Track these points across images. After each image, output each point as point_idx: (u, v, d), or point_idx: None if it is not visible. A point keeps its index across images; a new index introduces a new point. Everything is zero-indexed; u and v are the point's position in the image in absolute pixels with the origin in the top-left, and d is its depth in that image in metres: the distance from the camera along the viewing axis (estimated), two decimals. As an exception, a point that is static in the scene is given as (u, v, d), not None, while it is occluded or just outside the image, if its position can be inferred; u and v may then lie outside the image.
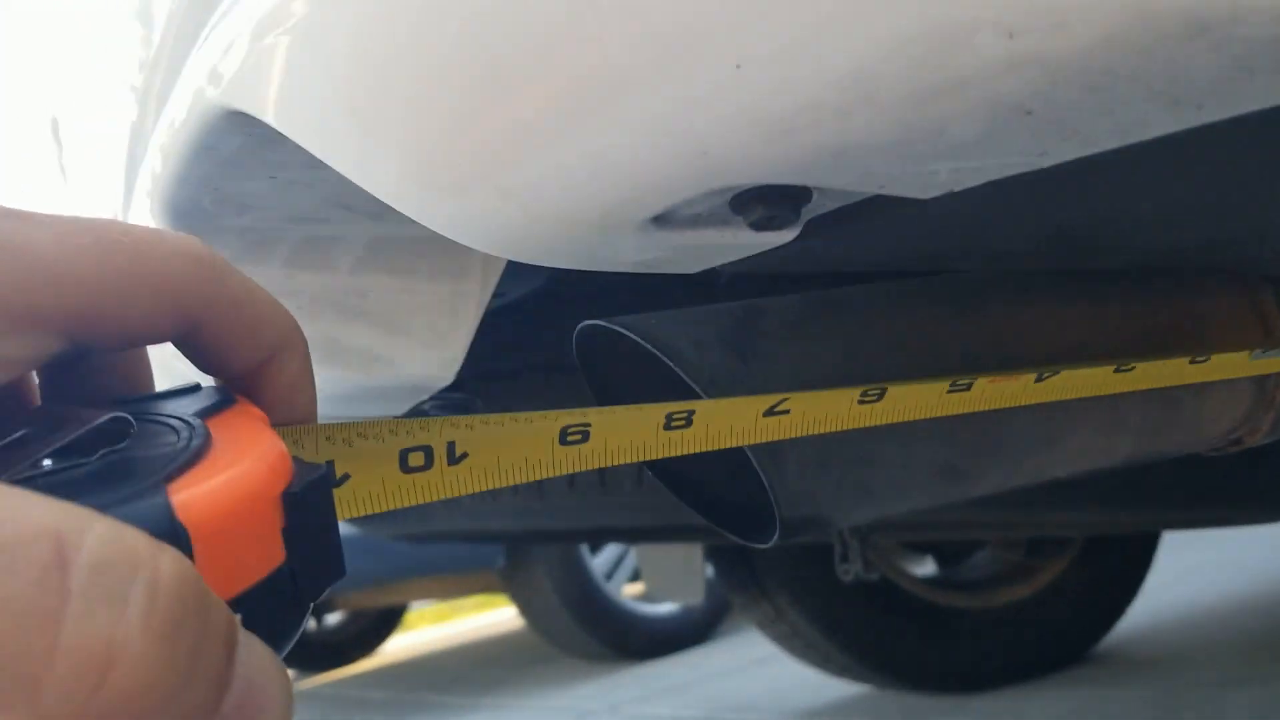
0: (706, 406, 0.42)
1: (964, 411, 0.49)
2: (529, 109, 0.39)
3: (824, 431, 0.45)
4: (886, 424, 0.54)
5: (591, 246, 0.44)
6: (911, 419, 0.47)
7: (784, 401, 0.44)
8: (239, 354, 0.30)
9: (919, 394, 0.47)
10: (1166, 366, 0.52)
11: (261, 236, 0.61)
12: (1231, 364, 0.54)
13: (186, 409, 0.28)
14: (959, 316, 0.56)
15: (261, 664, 0.23)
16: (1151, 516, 1.40)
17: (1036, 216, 0.47)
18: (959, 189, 0.39)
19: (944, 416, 0.55)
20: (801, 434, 0.45)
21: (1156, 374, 0.53)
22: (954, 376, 0.55)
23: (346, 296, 0.63)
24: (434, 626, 6.00)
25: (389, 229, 0.62)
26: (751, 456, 0.51)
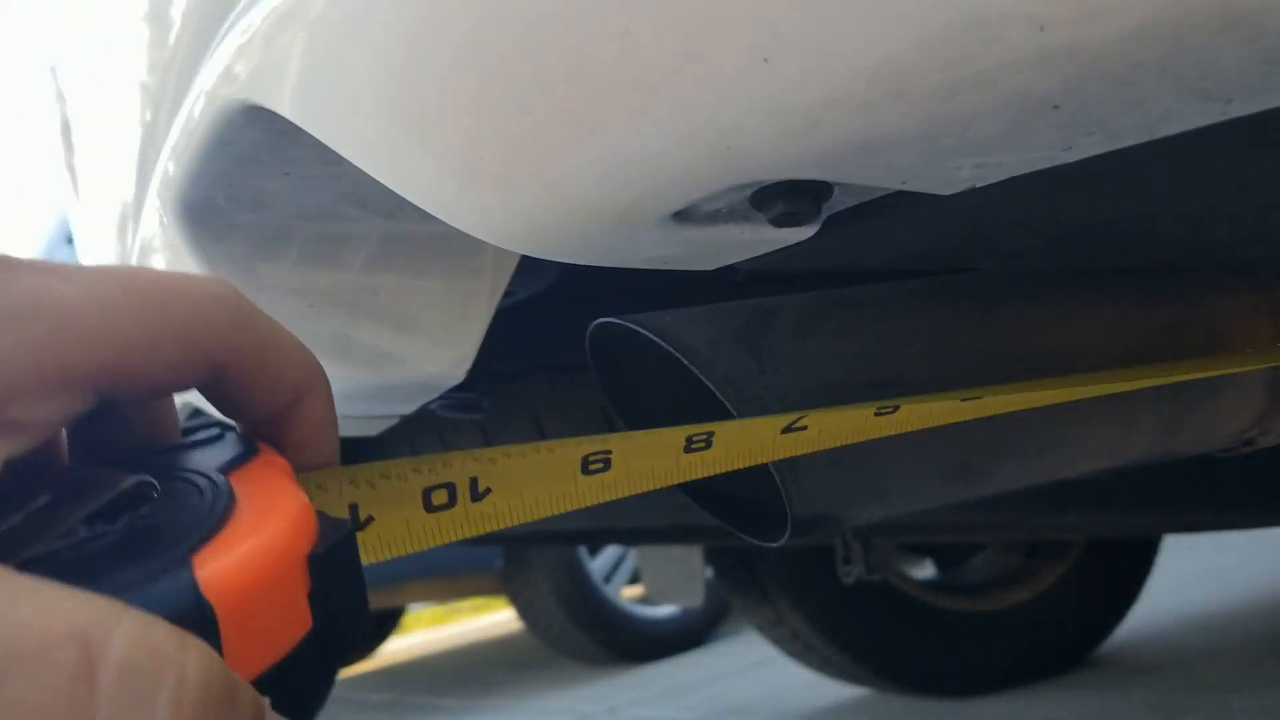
0: (726, 427, 0.42)
1: (978, 417, 0.49)
2: (554, 104, 0.38)
3: (842, 444, 0.45)
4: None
5: (610, 242, 0.44)
6: (926, 427, 0.47)
7: (802, 419, 0.44)
8: (264, 398, 0.29)
9: (933, 406, 0.47)
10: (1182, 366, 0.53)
11: (274, 233, 0.60)
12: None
13: (210, 462, 0.27)
14: (974, 314, 0.56)
15: None
16: (1153, 520, 1.40)
17: (1052, 215, 0.47)
18: (981, 185, 0.39)
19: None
20: (820, 448, 0.45)
21: (1168, 372, 0.53)
22: (969, 377, 0.55)
23: (358, 294, 0.63)
24: (432, 629, 5.99)
25: (402, 226, 0.62)
26: (767, 454, 0.51)
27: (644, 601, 3.20)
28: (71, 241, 1.63)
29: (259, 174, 0.55)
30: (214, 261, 0.60)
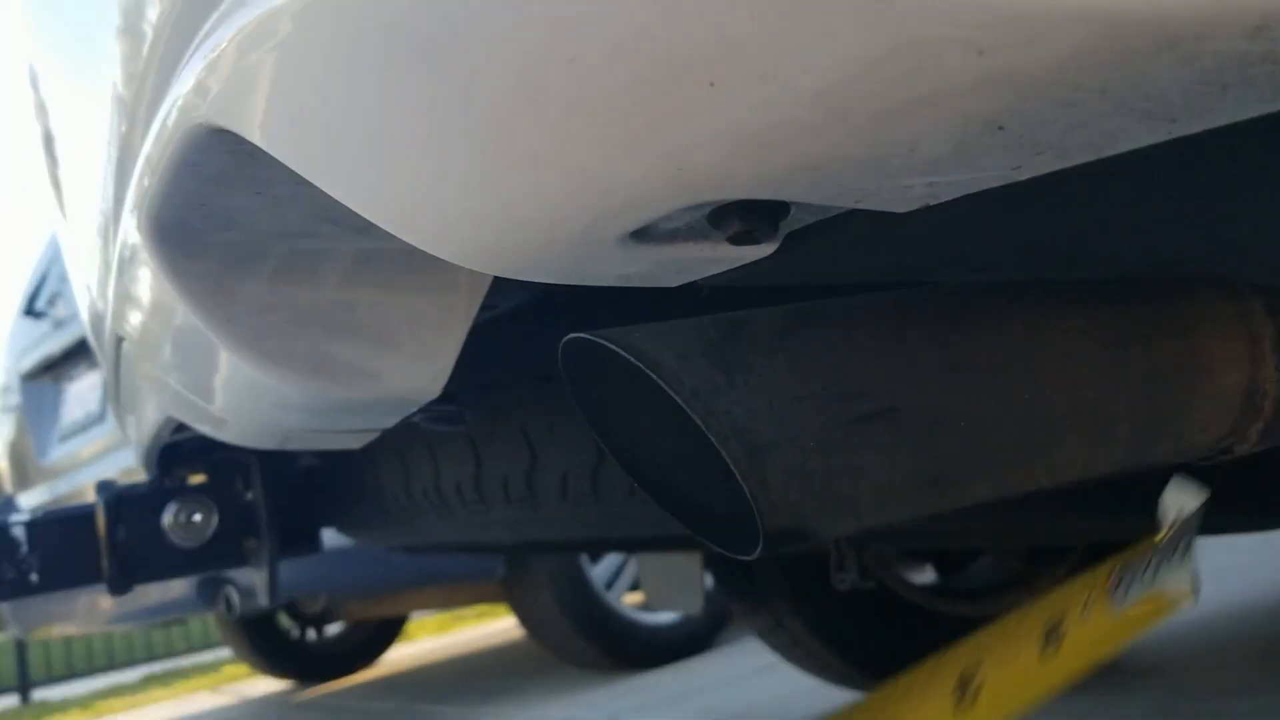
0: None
1: None
2: (509, 128, 0.39)
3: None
4: (868, 435, 0.54)
5: (573, 261, 0.44)
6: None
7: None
8: None
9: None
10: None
11: (247, 251, 0.61)
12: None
13: None
14: (944, 327, 0.56)
15: None
16: (1152, 525, 1.39)
17: (1014, 228, 0.47)
18: (935, 202, 0.39)
19: (925, 427, 0.55)
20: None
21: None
22: (939, 390, 0.55)
23: (334, 311, 0.63)
24: (435, 637, 5.99)
25: (376, 243, 0.62)
26: (734, 468, 0.51)
27: (645, 608, 3.20)
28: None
29: (229, 193, 0.55)
30: (187, 280, 0.60)
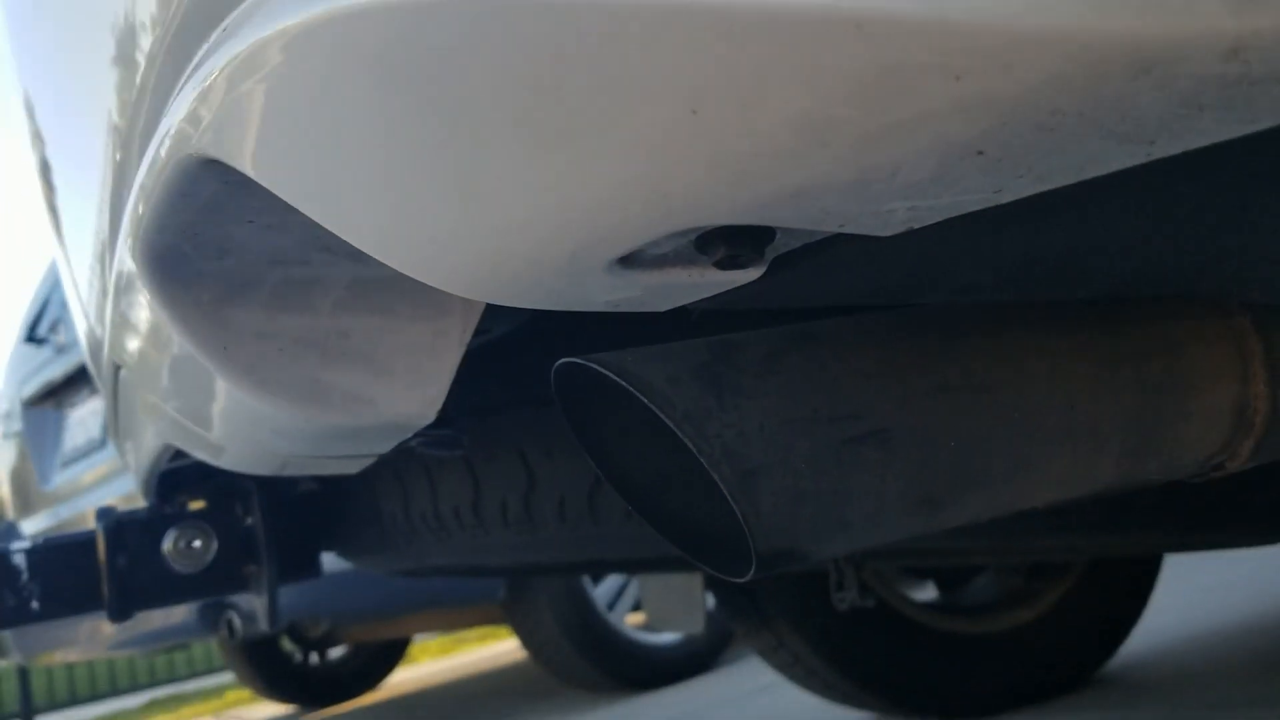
0: None
1: None
2: (495, 157, 0.39)
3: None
4: (859, 457, 0.54)
5: (561, 288, 0.44)
6: None
7: None
8: None
9: None
10: None
11: (242, 279, 0.61)
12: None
13: None
14: (934, 347, 0.56)
15: None
16: (1147, 541, 1.39)
17: (999, 250, 0.48)
18: (918, 226, 0.39)
19: (915, 447, 0.55)
20: None
21: None
22: (930, 411, 0.55)
23: (328, 338, 0.63)
24: (438, 659, 5.96)
25: (369, 270, 0.63)
26: (726, 491, 0.51)
27: (648, 629, 3.19)
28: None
29: (222, 222, 0.55)
30: (182, 308, 0.60)
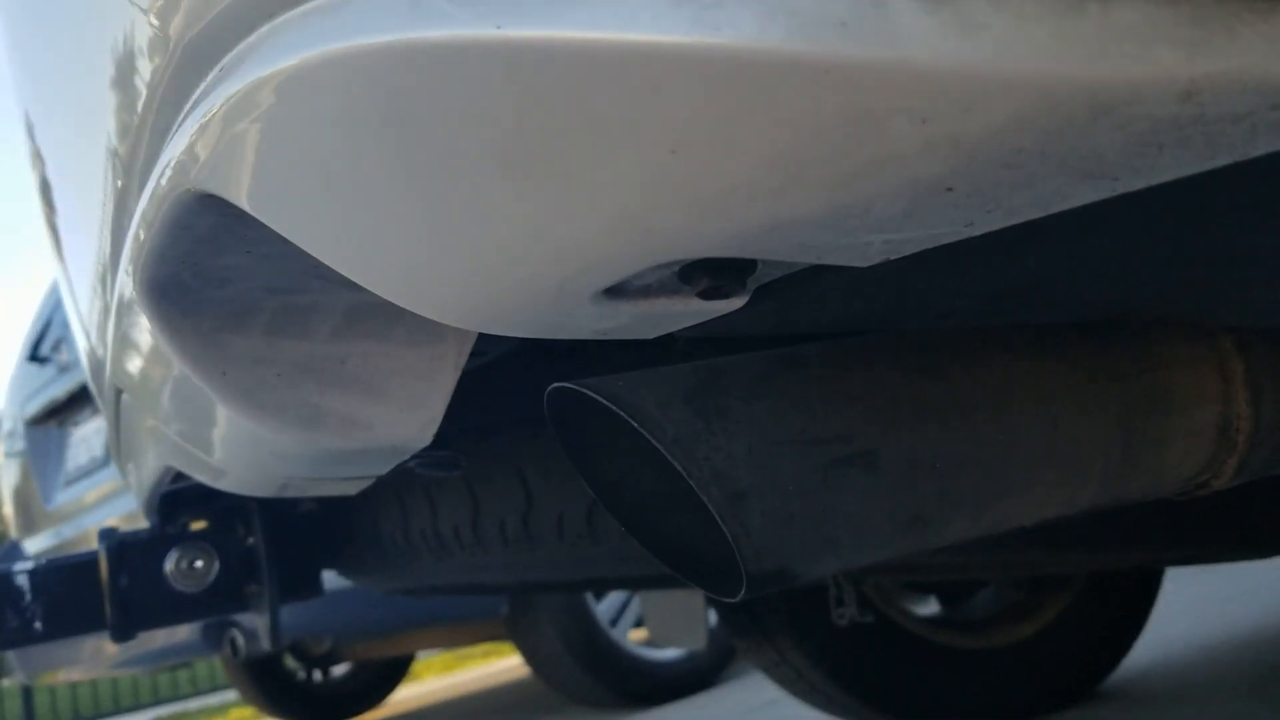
0: None
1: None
2: (482, 194, 0.40)
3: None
4: (847, 478, 0.55)
5: (549, 318, 0.46)
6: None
7: None
8: None
9: None
10: None
11: (240, 307, 0.62)
12: None
13: None
14: (918, 369, 0.58)
15: None
16: (1140, 555, 1.40)
17: (980, 277, 0.49)
18: (895, 257, 0.40)
19: (902, 469, 0.56)
20: None
21: None
22: (916, 433, 0.56)
23: (325, 363, 0.65)
24: (441, 676, 5.96)
25: (365, 297, 0.64)
26: (716, 513, 0.52)
27: (651, 645, 3.19)
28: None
29: (221, 252, 0.56)
30: (182, 336, 0.62)
